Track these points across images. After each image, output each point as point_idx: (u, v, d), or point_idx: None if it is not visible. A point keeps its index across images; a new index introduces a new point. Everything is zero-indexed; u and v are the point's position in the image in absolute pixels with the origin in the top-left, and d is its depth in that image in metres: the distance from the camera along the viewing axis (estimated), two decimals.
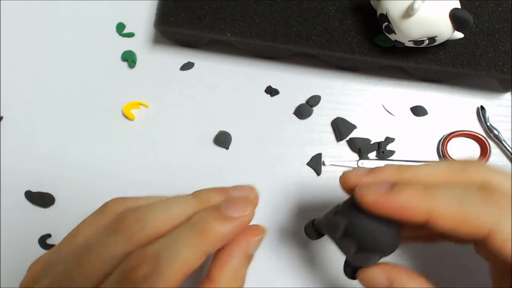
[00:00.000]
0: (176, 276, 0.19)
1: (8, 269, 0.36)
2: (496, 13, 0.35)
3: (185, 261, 0.19)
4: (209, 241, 0.20)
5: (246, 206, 0.22)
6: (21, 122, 0.38)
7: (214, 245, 0.21)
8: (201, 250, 0.20)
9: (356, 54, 0.35)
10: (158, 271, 0.19)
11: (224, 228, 0.21)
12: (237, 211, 0.22)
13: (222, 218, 0.21)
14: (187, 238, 0.20)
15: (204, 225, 0.20)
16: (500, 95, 0.38)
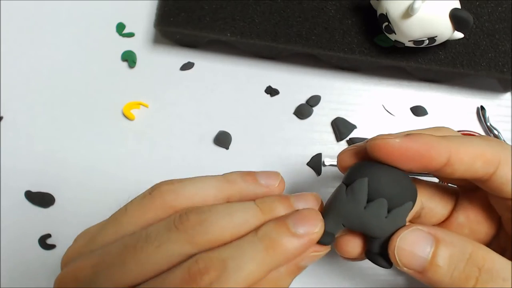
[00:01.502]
0: (239, 286, 0.19)
1: (8, 269, 0.36)
2: (496, 13, 0.35)
3: (250, 274, 0.19)
4: (276, 257, 0.20)
5: (316, 222, 0.21)
6: (21, 122, 0.38)
7: (280, 262, 0.20)
8: (267, 266, 0.20)
9: (356, 54, 0.35)
10: (224, 279, 0.19)
11: (293, 246, 0.20)
12: (306, 228, 0.21)
13: (291, 235, 0.20)
14: (255, 252, 0.20)
15: (273, 241, 0.20)
16: (500, 95, 0.38)
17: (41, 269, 0.36)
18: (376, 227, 0.21)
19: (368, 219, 0.21)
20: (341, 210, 0.21)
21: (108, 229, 0.22)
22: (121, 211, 0.22)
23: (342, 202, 0.21)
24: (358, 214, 0.21)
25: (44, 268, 0.36)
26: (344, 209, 0.21)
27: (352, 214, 0.21)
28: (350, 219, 0.21)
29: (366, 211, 0.21)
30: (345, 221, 0.21)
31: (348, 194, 0.21)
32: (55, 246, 0.36)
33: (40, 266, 0.36)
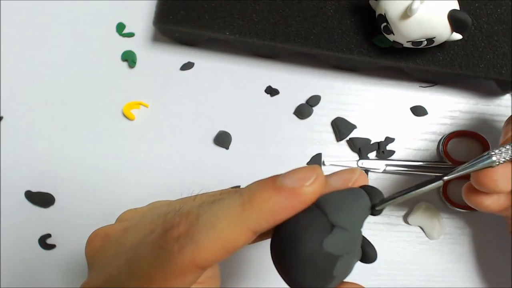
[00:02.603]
0: (211, 247, 0.17)
1: (8, 269, 0.36)
2: (495, 15, 0.35)
3: (223, 233, 0.17)
4: (252, 212, 0.17)
5: (308, 175, 0.17)
6: (21, 122, 0.38)
7: (260, 221, 0.17)
8: (244, 225, 0.17)
9: (355, 54, 0.35)
10: (192, 235, 0.17)
11: (274, 200, 0.17)
12: (294, 181, 0.17)
13: (274, 188, 0.17)
14: (231, 207, 0.17)
15: (251, 195, 0.17)
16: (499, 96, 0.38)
17: (41, 269, 0.36)
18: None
19: None
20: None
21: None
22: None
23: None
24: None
25: (44, 268, 0.36)
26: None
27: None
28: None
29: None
30: None
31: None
32: (55, 246, 0.36)
33: (40, 266, 0.36)
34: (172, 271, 0.17)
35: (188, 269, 0.17)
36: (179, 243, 0.17)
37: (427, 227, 0.35)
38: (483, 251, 0.36)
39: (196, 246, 0.17)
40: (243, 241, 0.17)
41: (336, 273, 0.18)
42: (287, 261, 0.18)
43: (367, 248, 0.20)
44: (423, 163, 0.36)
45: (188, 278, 0.17)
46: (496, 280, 0.35)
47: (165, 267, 0.17)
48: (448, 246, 0.36)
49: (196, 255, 0.17)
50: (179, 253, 0.17)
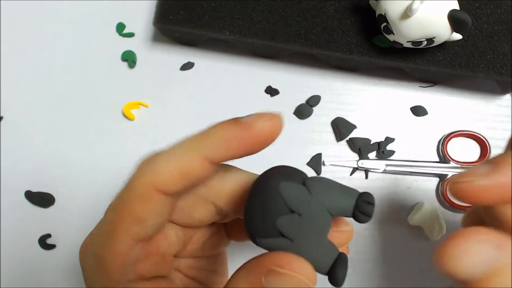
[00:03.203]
0: (167, 171, 0.18)
1: (8, 269, 0.36)
2: (495, 15, 0.35)
3: (179, 158, 0.18)
4: (208, 142, 0.18)
5: (265, 115, 0.18)
6: (21, 122, 0.38)
7: (213, 148, 0.18)
8: (198, 151, 0.18)
9: (355, 54, 0.35)
10: (151, 161, 0.19)
11: (228, 129, 0.18)
12: (251, 118, 0.18)
13: (231, 122, 0.18)
14: (189, 138, 0.19)
15: (210, 127, 0.18)
16: (499, 96, 0.38)
17: (41, 269, 0.36)
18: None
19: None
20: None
21: None
22: None
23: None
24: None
25: (44, 268, 0.36)
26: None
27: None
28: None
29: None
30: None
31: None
32: (55, 246, 0.36)
33: (40, 266, 0.36)
34: (135, 195, 0.18)
35: (149, 192, 0.18)
36: (140, 169, 0.19)
37: (427, 227, 0.35)
38: None
39: (154, 170, 0.18)
40: (198, 168, 0.18)
41: (279, 224, 0.17)
42: (248, 199, 0.19)
43: (338, 266, 0.18)
44: (423, 163, 0.36)
45: (152, 203, 0.18)
46: None
47: (130, 193, 0.18)
48: None
49: (154, 178, 0.18)
50: (139, 178, 0.18)
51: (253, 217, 0.18)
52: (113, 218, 0.19)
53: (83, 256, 0.20)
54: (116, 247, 0.18)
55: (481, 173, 0.17)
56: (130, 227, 0.18)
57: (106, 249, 0.19)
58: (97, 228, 0.20)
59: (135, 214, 0.18)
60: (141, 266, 0.19)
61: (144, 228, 0.19)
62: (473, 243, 0.16)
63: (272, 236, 0.17)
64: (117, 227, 0.18)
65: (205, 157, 0.18)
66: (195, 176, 0.18)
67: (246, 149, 0.18)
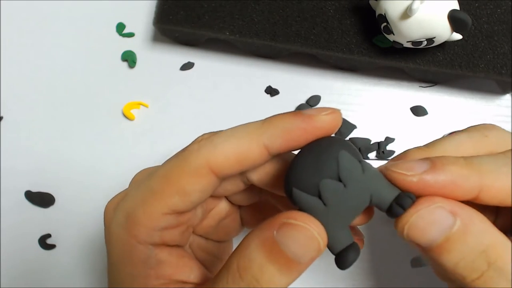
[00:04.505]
0: (225, 151, 0.18)
1: (8, 269, 0.36)
2: (495, 15, 0.35)
3: (238, 141, 0.18)
4: (269, 130, 0.18)
5: (329, 109, 0.19)
6: (21, 122, 0.38)
7: (274, 137, 0.18)
8: (258, 138, 0.18)
9: (355, 54, 0.35)
10: (211, 139, 0.19)
11: (290, 120, 0.18)
12: (314, 110, 0.19)
13: (293, 114, 0.18)
14: (250, 124, 0.19)
15: (272, 116, 0.19)
16: (499, 96, 0.38)
17: (41, 269, 0.36)
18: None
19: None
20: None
21: None
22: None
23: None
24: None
25: (44, 268, 0.36)
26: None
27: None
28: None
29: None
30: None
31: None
32: (55, 246, 0.36)
33: (40, 266, 0.36)
34: (187, 169, 0.18)
35: (202, 169, 0.18)
36: (199, 144, 0.19)
37: None
38: None
39: (213, 148, 0.18)
40: (256, 155, 0.18)
41: (322, 186, 0.17)
42: (298, 156, 0.19)
43: (350, 250, 0.18)
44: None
45: (201, 180, 0.18)
46: None
47: (182, 165, 0.19)
48: None
49: (211, 156, 0.18)
50: (196, 152, 0.18)
51: (300, 169, 0.18)
52: (158, 183, 0.19)
53: (111, 210, 0.20)
54: (152, 211, 0.19)
55: (414, 168, 0.18)
56: (172, 197, 0.19)
57: (142, 209, 0.19)
58: (136, 188, 0.20)
59: (181, 186, 0.18)
60: (167, 234, 0.20)
61: (185, 202, 0.19)
62: (430, 210, 0.17)
63: (310, 193, 0.18)
64: (159, 192, 0.19)
65: (264, 145, 0.18)
66: (251, 162, 0.19)
67: (305, 140, 0.19)
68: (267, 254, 0.16)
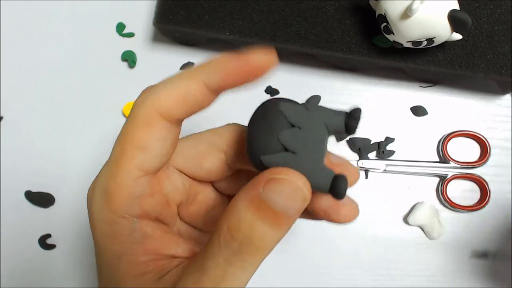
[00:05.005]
0: (169, 95, 0.19)
1: (8, 269, 0.36)
2: (495, 15, 0.35)
3: (179, 83, 0.19)
4: (207, 69, 0.19)
5: (265, 51, 0.20)
6: (21, 122, 0.38)
7: (212, 75, 0.19)
8: (197, 77, 0.19)
9: (355, 54, 0.35)
10: (153, 88, 0.19)
11: (227, 59, 0.19)
12: (250, 51, 0.19)
13: (230, 56, 0.19)
14: (188, 69, 0.20)
15: (210, 59, 0.19)
16: (499, 96, 0.38)
17: (41, 269, 0.36)
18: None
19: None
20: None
21: None
22: None
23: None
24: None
25: (44, 268, 0.36)
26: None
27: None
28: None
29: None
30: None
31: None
32: (55, 246, 0.36)
33: (40, 266, 0.36)
34: (137, 122, 0.19)
35: (151, 117, 0.19)
36: (143, 95, 0.19)
37: (427, 227, 0.35)
38: (483, 251, 0.36)
39: (156, 95, 0.19)
40: (199, 93, 0.19)
41: (282, 138, 0.18)
42: (250, 124, 0.20)
43: (337, 182, 0.18)
44: (423, 163, 0.36)
45: (154, 128, 0.19)
46: (496, 280, 0.35)
47: (133, 121, 0.19)
48: (448, 246, 0.36)
49: (156, 103, 0.19)
50: (141, 104, 0.19)
51: (256, 137, 0.19)
52: (118, 148, 0.19)
53: (91, 194, 0.20)
54: (121, 178, 0.19)
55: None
56: (134, 155, 0.19)
57: (112, 180, 0.19)
58: (106, 163, 0.20)
59: (139, 141, 0.19)
60: (146, 203, 0.20)
61: (149, 156, 0.19)
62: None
63: (276, 151, 0.18)
64: (122, 157, 0.19)
65: (203, 83, 0.19)
66: (195, 101, 0.19)
67: (242, 77, 0.19)
68: (256, 211, 0.17)
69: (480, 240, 0.36)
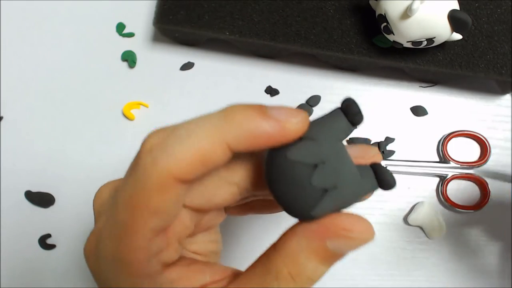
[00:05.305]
0: (186, 157, 0.16)
1: (8, 269, 0.36)
2: (495, 15, 0.35)
3: (199, 143, 0.16)
4: (232, 127, 0.16)
5: (295, 114, 0.17)
6: (21, 122, 0.38)
7: (238, 138, 0.16)
8: (221, 137, 0.16)
9: (355, 54, 0.35)
10: (165, 145, 0.16)
11: (257, 122, 0.16)
12: (282, 113, 0.17)
13: (259, 112, 0.17)
14: (210, 118, 0.17)
15: (234, 111, 0.17)
16: (499, 96, 0.38)
17: (41, 269, 0.36)
18: None
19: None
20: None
21: None
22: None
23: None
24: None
25: (44, 268, 0.36)
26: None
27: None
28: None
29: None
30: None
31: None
32: (55, 246, 0.36)
33: (40, 266, 0.36)
34: (150, 186, 0.16)
35: (166, 182, 0.16)
36: (152, 155, 0.16)
37: (427, 227, 0.35)
38: (483, 251, 0.36)
39: (171, 156, 0.16)
40: (220, 156, 0.17)
41: (316, 182, 0.17)
42: (272, 186, 0.18)
43: (381, 173, 0.18)
44: (423, 163, 0.36)
45: (170, 193, 0.16)
46: (496, 280, 0.35)
47: (144, 184, 0.16)
48: (448, 246, 0.36)
49: (171, 166, 0.16)
50: (153, 165, 0.16)
51: (290, 198, 0.17)
52: (128, 215, 0.17)
53: (93, 259, 0.19)
54: (136, 244, 0.17)
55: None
56: (148, 221, 0.17)
57: (125, 247, 0.17)
58: (106, 227, 0.18)
59: (153, 207, 0.17)
60: (163, 255, 0.19)
61: (163, 219, 0.17)
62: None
63: (319, 198, 0.17)
64: (134, 223, 0.17)
65: (227, 144, 0.16)
66: (216, 163, 0.17)
67: (272, 145, 0.17)
68: (321, 259, 0.17)
69: (480, 240, 0.36)
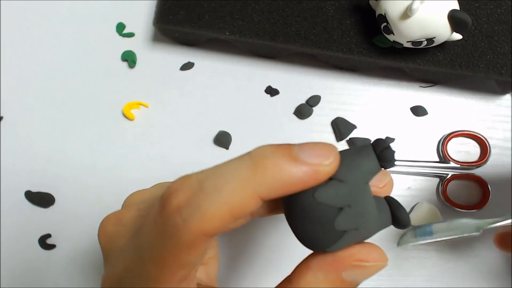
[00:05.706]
0: (218, 214, 0.15)
1: (8, 269, 0.36)
2: (495, 15, 0.35)
3: (230, 198, 0.15)
4: (264, 178, 0.16)
5: (326, 153, 0.16)
6: (21, 122, 0.38)
7: (271, 190, 0.16)
8: (253, 191, 0.16)
9: (355, 54, 0.35)
10: (195, 204, 0.16)
11: (290, 172, 0.16)
12: (312, 156, 0.16)
13: (289, 157, 0.16)
14: (240, 169, 0.16)
15: (264, 159, 0.16)
16: (499, 96, 0.38)
17: (41, 269, 0.36)
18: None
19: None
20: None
21: None
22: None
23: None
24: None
25: (44, 268, 0.36)
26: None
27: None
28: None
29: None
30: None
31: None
32: (55, 246, 0.36)
33: (40, 266, 0.36)
34: (181, 245, 0.16)
35: (197, 239, 0.16)
36: (182, 214, 0.16)
37: None
38: (483, 251, 0.36)
39: (202, 215, 0.15)
40: (251, 208, 0.16)
41: (339, 226, 0.17)
42: (291, 219, 0.18)
43: (397, 210, 0.19)
44: (423, 163, 0.36)
45: (200, 248, 0.16)
46: (496, 280, 0.35)
47: (174, 243, 0.16)
48: (448, 246, 0.36)
49: (203, 224, 0.15)
50: (184, 225, 0.16)
51: (311, 236, 0.18)
52: (157, 272, 0.17)
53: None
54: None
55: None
56: (176, 274, 0.17)
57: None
58: (128, 277, 0.18)
59: (182, 263, 0.17)
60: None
61: (190, 269, 0.17)
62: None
63: (339, 237, 0.17)
64: (161, 277, 0.17)
65: (259, 196, 0.16)
66: (245, 214, 0.16)
67: (304, 188, 0.17)
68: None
69: (480, 240, 0.36)
